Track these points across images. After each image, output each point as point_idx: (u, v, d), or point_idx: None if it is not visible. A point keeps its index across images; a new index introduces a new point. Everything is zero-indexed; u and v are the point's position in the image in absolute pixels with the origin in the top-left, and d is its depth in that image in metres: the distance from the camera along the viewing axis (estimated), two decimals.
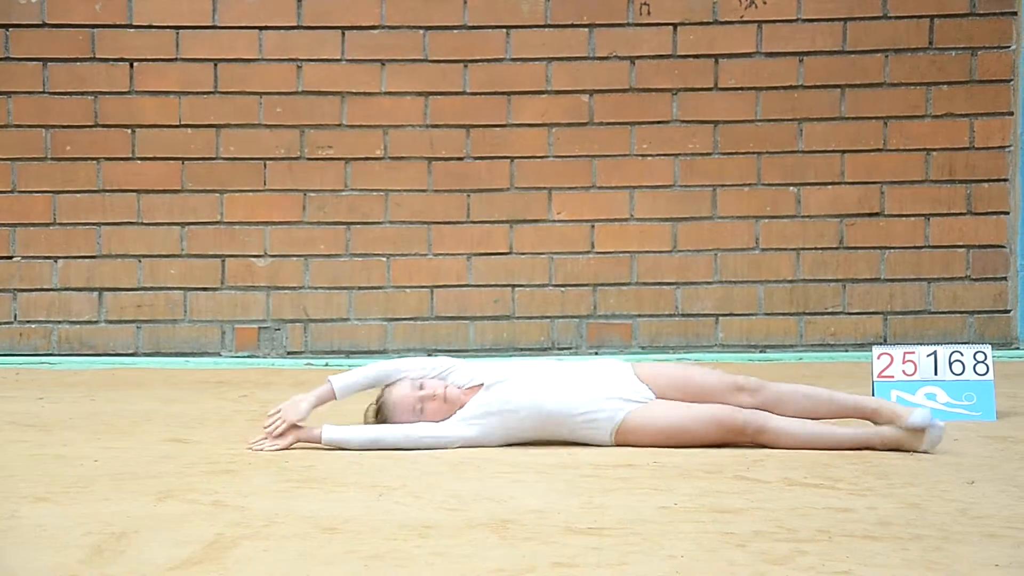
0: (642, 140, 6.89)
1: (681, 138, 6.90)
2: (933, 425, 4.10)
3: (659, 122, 6.89)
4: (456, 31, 6.86)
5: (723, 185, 6.91)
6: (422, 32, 6.85)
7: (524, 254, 6.92)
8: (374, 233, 6.91)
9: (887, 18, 6.87)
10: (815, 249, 6.93)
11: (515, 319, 6.92)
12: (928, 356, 4.87)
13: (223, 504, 3.38)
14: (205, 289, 6.88)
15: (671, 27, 6.86)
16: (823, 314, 6.95)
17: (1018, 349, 6.91)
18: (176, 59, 6.83)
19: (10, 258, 6.86)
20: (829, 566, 2.76)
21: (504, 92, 6.87)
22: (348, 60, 6.86)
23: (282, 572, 2.74)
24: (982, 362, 4.86)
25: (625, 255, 6.93)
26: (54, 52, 6.80)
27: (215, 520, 3.19)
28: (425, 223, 6.91)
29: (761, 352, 6.91)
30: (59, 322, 6.87)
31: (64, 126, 6.82)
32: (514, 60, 6.87)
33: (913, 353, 4.89)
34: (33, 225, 6.85)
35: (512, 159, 6.89)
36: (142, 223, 6.87)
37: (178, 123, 6.83)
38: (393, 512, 3.29)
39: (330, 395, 4.29)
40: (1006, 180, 6.91)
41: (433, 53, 6.86)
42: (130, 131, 6.83)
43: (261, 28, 6.84)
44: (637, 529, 3.08)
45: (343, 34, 6.85)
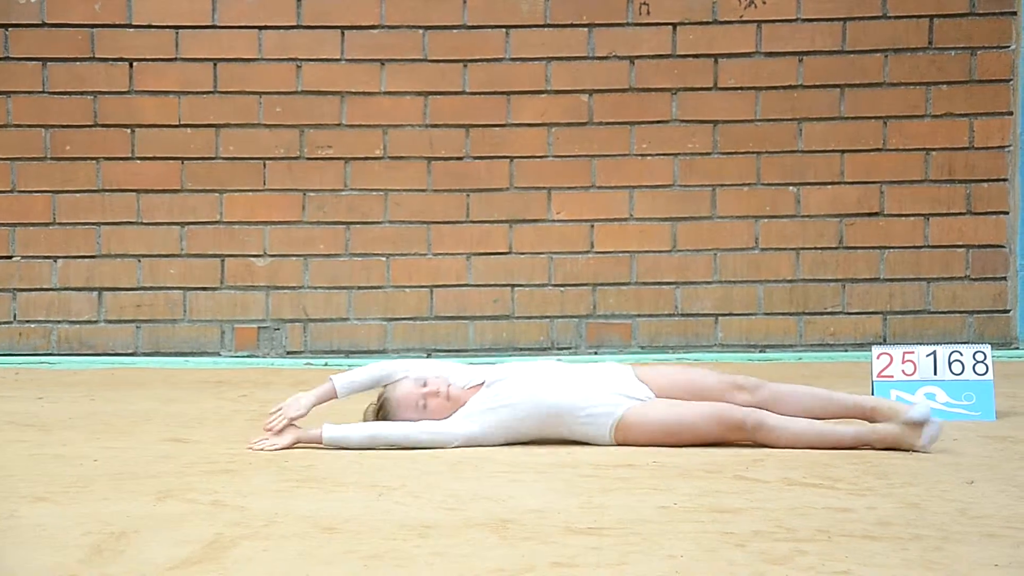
0: (641, 140, 6.89)
1: (680, 138, 6.90)
2: (932, 420, 4.11)
3: (658, 122, 6.89)
4: (455, 31, 6.86)
5: (723, 185, 6.91)
6: (421, 32, 6.85)
7: (523, 254, 6.92)
8: (373, 233, 6.91)
9: (886, 18, 6.87)
10: (814, 249, 6.93)
11: (514, 319, 6.92)
12: (927, 356, 4.87)
13: (222, 504, 3.38)
14: (205, 289, 6.88)
15: (670, 27, 6.86)
16: (823, 314, 6.95)
17: (1017, 349, 6.91)
18: (176, 59, 6.83)
19: (10, 258, 6.86)
20: (828, 566, 2.76)
21: (503, 92, 6.87)
22: (348, 60, 6.86)
23: (281, 572, 2.74)
24: (981, 362, 4.87)
25: (624, 255, 6.93)
26: (54, 52, 6.80)
27: (214, 520, 3.19)
28: (424, 223, 6.91)
29: (761, 352, 6.91)
30: (59, 322, 6.87)
31: (64, 126, 6.82)
32: (513, 60, 6.87)
33: (912, 353, 4.89)
34: (33, 225, 6.85)
35: (511, 159, 6.89)
36: (142, 223, 6.87)
37: (178, 123, 6.83)
38: (392, 512, 3.29)
39: (331, 394, 4.31)
40: (1006, 180, 6.91)
41: (432, 53, 6.86)
42: (130, 131, 6.83)
43: (261, 28, 6.84)
44: (637, 529, 3.08)
45: (343, 34, 6.85)
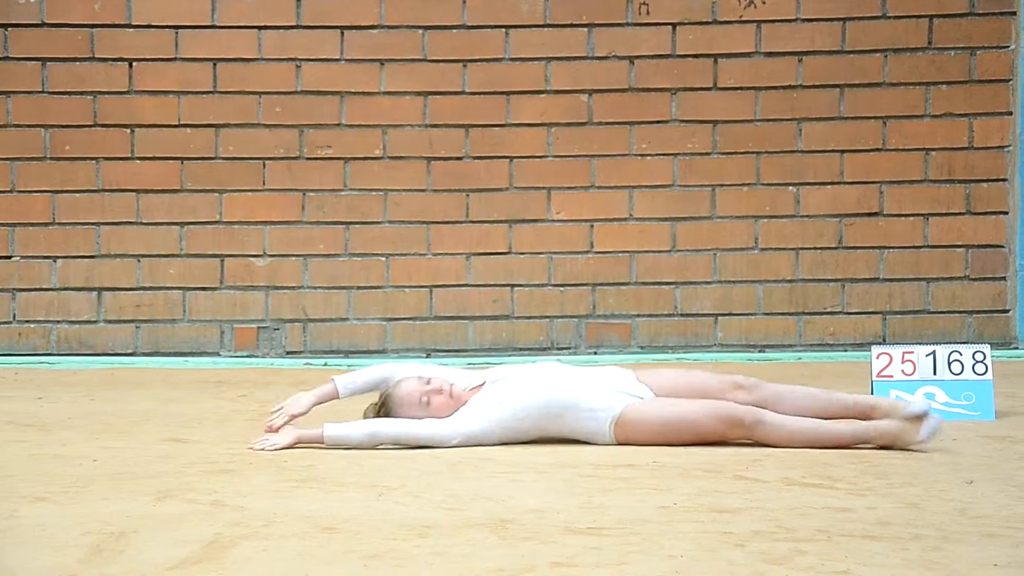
0: (641, 140, 6.89)
1: (680, 138, 6.89)
2: (931, 414, 4.12)
3: (658, 122, 6.89)
4: (455, 31, 6.86)
5: (722, 185, 6.91)
6: (421, 32, 6.85)
7: (523, 254, 6.92)
8: (373, 233, 6.91)
9: (886, 18, 6.87)
10: (814, 249, 6.93)
11: (514, 319, 6.92)
12: (927, 356, 4.87)
13: (222, 504, 3.38)
14: (204, 289, 6.88)
15: (670, 27, 6.86)
16: (822, 314, 6.95)
17: (1017, 349, 6.91)
18: (175, 59, 6.83)
19: (9, 258, 6.85)
20: (828, 566, 2.76)
21: (503, 92, 6.86)
22: (347, 60, 6.86)
23: (281, 572, 2.74)
24: (981, 362, 4.87)
25: (624, 255, 6.93)
26: (53, 52, 6.80)
27: (214, 520, 3.19)
28: (424, 223, 6.91)
29: (760, 352, 6.91)
30: (58, 322, 6.87)
31: (63, 126, 6.81)
32: (513, 60, 6.87)
33: (912, 353, 4.89)
34: (32, 225, 6.85)
35: (511, 159, 6.89)
36: (141, 223, 6.87)
37: (177, 123, 6.83)
38: (392, 512, 3.29)
39: (333, 394, 4.35)
40: (1005, 180, 6.91)
41: (432, 53, 6.86)
42: (129, 131, 6.83)
43: (260, 28, 6.83)
44: (636, 529, 3.08)
45: (342, 34, 6.85)
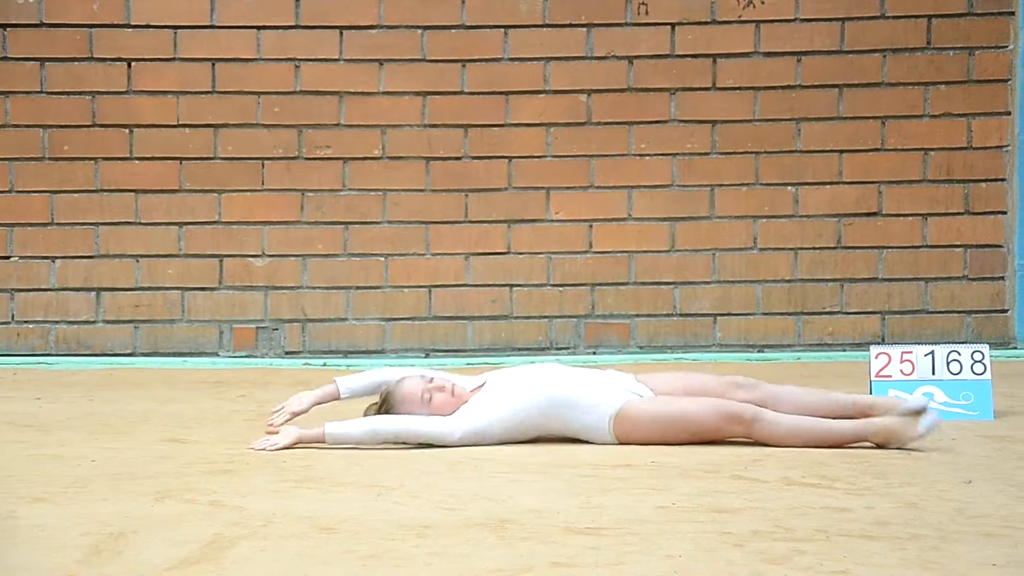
0: (640, 140, 6.89)
1: (679, 138, 6.89)
2: (929, 409, 4.13)
3: (657, 122, 6.88)
4: (454, 31, 6.86)
5: (721, 185, 6.90)
6: (420, 32, 6.85)
7: (522, 254, 6.92)
8: (372, 233, 6.90)
9: (885, 18, 6.87)
10: (813, 249, 6.93)
11: (513, 319, 6.92)
12: (926, 356, 4.88)
13: (221, 504, 3.38)
14: (203, 289, 6.88)
15: (669, 27, 6.86)
16: (821, 314, 6.95)
17: (1016, 349, 6.91)
18: (174, 59, 6.82)
19: (8, 258, 6.85)
20: (827, 566, 2.76)
21: (502, 92, 6.86)
22: (346, 60, 6.86)
23: (280, 572, 2.74)
24: (980, 361, 4.87)
25: (623, 255, 6.93)
26: (52, 52, 6.79)
27: (213, 520, 3.19)
28: (423, 223, 6.91)
29: (759, 352, 6.91)
30: (56, 322, 6.87)
31: (62, 126, 6.81)
32: (512, 60, 6.87)
33: (911, 353, 4.89)
34: (31, 225, 6.85)
35: (510, 159, 6.89)
36: (140, 223, 6.86)
37: (176, 123, 6.83)
38: (391, 512, 3.29)
39: (334, 394, 4.40)
40: (1004, 180, 6.91)
41: (431, 53, 6.86)
42: (128, 131, 6.83)
43: (259, 28, 6.83)
44: (635, 529, 3.08)
45: (341, 34, 6.85)
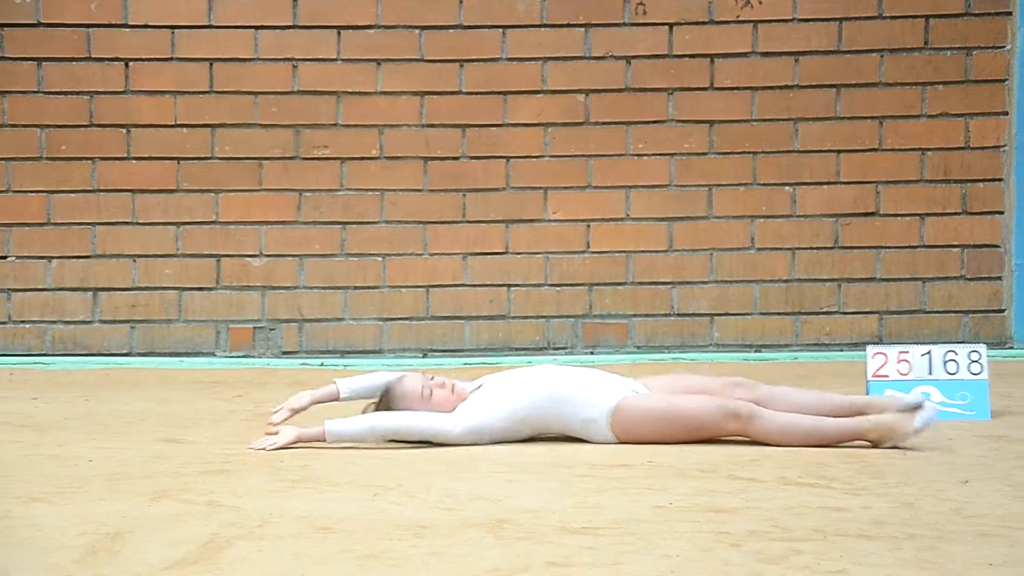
0: (638, 140, 6.89)
1: (677, 138, 6.89)
2: (926, 405, 4.14)
3: (655, 122, 6.89)
4: (452, 31, 6.85)
5: (719, 185, 6.91)
6: (418, 32, 6.85)
7: (520, 254, 6.92)
8: (369, 233, 6.90)
9: (882, 18, 6.87)
10: (810, 249, 6.93)
11: (511, 319, 6.92)
12: (923, 355, 4.88)
13: (218, 504, 3.38)
14: (200, 289, 6.88)
15: (667, 27, 6.86)
16: (818, 314, 6.95)
17: (1013, 348, 6.91)
18: (171, 59, 6.82)
19: (4, 258, 6.85)
20: (824, 565, 2.76)
21: (500, 92, 6.86)
22: (344, 60, 6.86)
23: (277, 572, 2.74)
24: (976, 361, 4.87)
25: (621, 255, 6.93)
26: (49, 51, 6.79)
27: (210, 520, 3.19)
28: (421, 223, 6.91)
29: (756, 352, 6.91)
30: (53, 322, 6.86)
31: (59, 126, 6.81)
32: (510, 60, 6.87)
33: (908, 352, 4.90)
34: (27, 225, 6.84)
35: (508, 159, 6.89)
36: (137, 223, 6.86)
37: (173, 123, 6.83)
38: (388, 512, 3.28)
39: (334, 394, 4.41)
40: (1001, 180, 6.91)
41: (429, 53, 6.85)
42: (125, 131, 6.83)
43: (257, 28, 6.83)
44: (632, 529, 3.08)
45: (339, 34, 6.84)
